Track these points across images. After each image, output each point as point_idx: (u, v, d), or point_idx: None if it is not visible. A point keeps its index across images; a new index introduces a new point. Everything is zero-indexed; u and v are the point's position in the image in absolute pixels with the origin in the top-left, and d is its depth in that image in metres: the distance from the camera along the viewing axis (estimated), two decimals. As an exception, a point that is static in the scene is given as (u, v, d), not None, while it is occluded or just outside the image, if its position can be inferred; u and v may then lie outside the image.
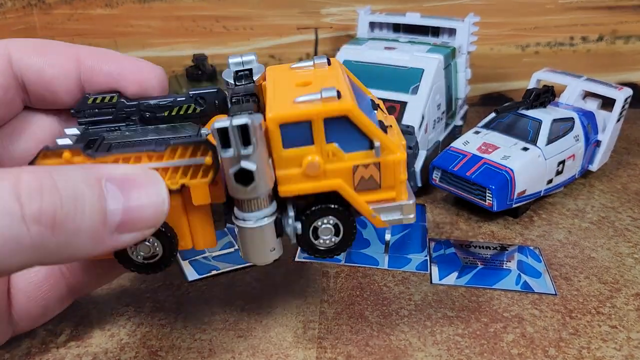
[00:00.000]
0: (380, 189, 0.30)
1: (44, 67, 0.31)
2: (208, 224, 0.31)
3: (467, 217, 0.50)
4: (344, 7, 0.73)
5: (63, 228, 0.23)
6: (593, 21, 0.73)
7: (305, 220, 0.30)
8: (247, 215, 0.29)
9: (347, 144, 0.28)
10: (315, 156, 0.28)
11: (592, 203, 0.52)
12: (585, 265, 0.43)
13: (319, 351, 0.35)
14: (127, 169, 0.27)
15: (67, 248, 0.24)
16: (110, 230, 0.25)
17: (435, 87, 0.53)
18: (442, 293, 0.40)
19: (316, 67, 0.31)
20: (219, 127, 0.26)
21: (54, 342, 0.36)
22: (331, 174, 0.29)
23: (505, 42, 0.75)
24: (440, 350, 0.35)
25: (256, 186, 0.27)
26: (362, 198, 0.30)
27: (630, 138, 0.65)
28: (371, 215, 0.30)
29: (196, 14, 0.74)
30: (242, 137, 0.26)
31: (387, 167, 0.29)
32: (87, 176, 0.25)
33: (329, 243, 0.31)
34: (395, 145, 0.29)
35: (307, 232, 0.31)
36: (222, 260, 0.44)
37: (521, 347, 0.35)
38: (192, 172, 0.29)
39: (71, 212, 0.23)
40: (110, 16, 0.73)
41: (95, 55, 0.32)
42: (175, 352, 0.35)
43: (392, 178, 0.29)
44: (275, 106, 0.28)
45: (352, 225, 0.31)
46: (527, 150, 0.49)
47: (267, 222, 0.29)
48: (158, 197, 0.27)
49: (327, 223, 0.30)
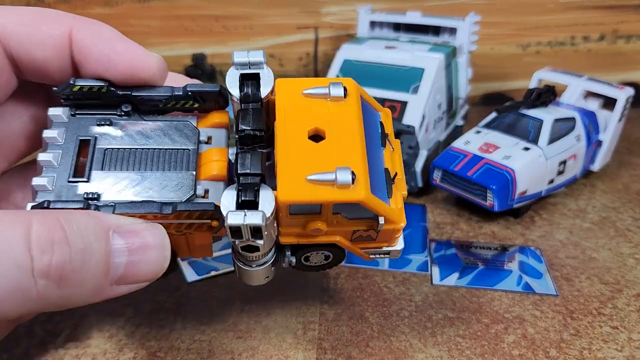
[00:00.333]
0: (375, 242, 0.31)
1: (34, 47, 0.29)
2: (207, 243, 0.31)
3: (468, 217, 0.50)
4: (344, 6, 0.73)
5: (69, 281, 0.23)
6: (594, 21, 0.73)
7: (298, 254, 0.31)
8: (248, 262, 0.30)
9: (352, 214, 0.28)
10: (320, 222, 0.28)
11: (593, 203, 0.52)
12: (586, 266, 0.43)
13: (319, 352, 0.35)
14: (135, 222, 0.26)
15: (69, 299, 0.24)
16: (111, 282, 0.25)
17: (436, 86, 0.53)
18: (442, 294, 0.40)
19: (332, 100, 0.29)
20: (232, 225, 0.25)
21: (53, 343, 0.36)
22: (332, 233, 0.29)
23: (506, 41, 0.74)
24: (440, 351, 0.35)
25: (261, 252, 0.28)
26: (357, 246, 0.31)
27: (632, 138, 0.65)
28: (360, 254, 0.31)
29: (196, 14, 0.74)
30: (253, 231, 0.26)
31: (386, 232, 0.29)
32: (97, 228, 0.25)
33: (318, 264, 0.32)
34: (398, 216, 0.29)
35: (300, 261, 0.32)
36: (222, 261, 0.44)
37: (522, 348, 0.35)
38: (196, 227, 0.28)
39: (78, 266, 0.23)
40: (109, 15, 0.73)
41: (88, 32, 0.29)
42: (175, 353, 0.35)
43: (388, 237, 0.30)
44: (287, 184, 0.26)
45: (341, 255, 0.32)
46: (528, 150, 0.48)
47: (266, 266, 0.30)
48: (161, 254, 0.27)
49: (319, 254, 0.31)
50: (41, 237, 0.22)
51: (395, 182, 0.30)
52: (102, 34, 0.30)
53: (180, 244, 0.31)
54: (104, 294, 0.25)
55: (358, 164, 0.27)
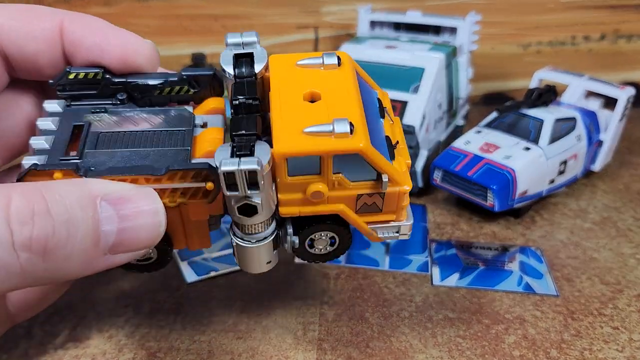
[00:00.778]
0: (381, 213, 0.29)
1: (25, 41, 0.29)
2: (204, 229, 0.30)
3: (469, 217, 0.50)
4: (344, 5, 0.73)
5: (54, 254, 0.22)
6: (595, 20, 0.73)
7: (302, 234, 0.30)
8: (246, 236, 0.29)
9: (354, 174, 0.27)
10: (320, 184, 0.27)
11: (594, 203, 0.52)
12: (587, 266, 0.43)
13: (319, 353, 0.35)
14: (124, 188, 0.25)
15: (57, 272, 0.23)
16: (103, 252, 0.24)
17: (437, 86, 0.53)
18: (443, 294, 0.40)
19: (325, 68, 0.30)
20: (226, 171, 0.25)
21: (52, 343, 0.36)
22: (334, 200, 0.28)
23: (506, 41, 0.74)
24: (441, 352, 0.35)
25: (259, 216, 0.27)
26: (362, 219, 0.29)
27: (633, 138, 0.65)
28: (368, 232, 0.30)
29: (195, 13, 0.74)
30: (249, 180, 0.25)
31: (391, 196, 0.28)
32: (82, 196, 0.24)
33: (323, 251, 0.31)
34: (402, 177, 0.28)
35: (303, 243, 0.30)
36: (221, 261, 0.44)
37: (523, 349, 0.35)
38: (191, 193, 0.28)
39: (63, 237, 0.23)
40: (108, 15, 0.73)
41: (80, 23, 0.29)
42: (174, 353, 0.35)
43: (395, 205, 0.29)
44: (283, 137, 0.26)
45: (348, 237, 0.31)
46: (528, 150, 0.48)
47: (266, 242, 0.29)
48: (155, 218, 0.26)
49: (324, 236, 0.30)
50: (20, 209, 0.22)
51: (398, 149, 0.29)
52: (93, 24, 0.30)
53: (175, 225, 0.29)
54: (97, 264, 0.24)
55: (356, 117, 0.27)
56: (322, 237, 0.30)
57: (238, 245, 0.29)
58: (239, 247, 0.29)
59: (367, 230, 0.30)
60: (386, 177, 0.27)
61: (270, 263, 0.30)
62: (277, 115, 0.27)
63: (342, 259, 0.44)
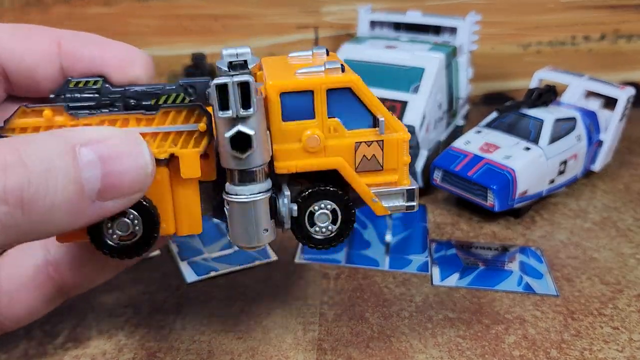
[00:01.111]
0: (382, 171, 0.29)
1: (24, 54, 0.29)
2: (195, 206, 0.29)
3: (469, 217, 0.50)
4: (344, 5, 0.73)
5: (34, 206, 0.22)
6: (595, 20, 0.73)
7: (301, 202, 0.29)
8: (240, 188, 0.27)
9: (350, 120, 0.27)
10: (316, 130, 0.27)
11: (594, 203, 0.52)
12: (587, 266, 0.43)
13: (319, 353, 0.35)
14: (103, 131, 0.25)
15: (43, 224, 0.23)
16: (90, 199, 0.24)
17: (437, 86, 0.53)
18: (443, 294, 0.40)
19: (315, 58, 0.30)
20: (218, 84, 0.25)
21: (52, 344, 0.36)
22: (331, 151, 0.28)
23: (506, 41, 0.74)
24: (441, 352, 0.35)
25: (253, 154, 0.26)
26: (363, 180, 0.28)
27: (633, 138, 0.65)
28: (372, 199, 0.29)
29: (195, 13, 0.74)
30: (242, 96, 0.25)
31: (390, 146, 0.28)
32: (59, 145, 0.23)
33: (325, 232, 0.29)
34: (399, 125, 0.28)
35: (303, 217, 0.29)
36: (221, 261, 0.44)
37: (523, 349, 0.35)
38: (182, 142, 0.27)
39: (42, 188, 0.22)
40: (108, 15, 0.73)
41: (77, 39, 0.30)
42: (174, 353, 0.35)
43: (395, 159, 0.28)
44: (276, 76, 0.27)
45: (350, 211, 0.29)
46: (529, 150, 0.48)
47: (262, 197, 0.27)
48: (140, 159, 0.25)
49: (324, 208, 0.29)
50: None
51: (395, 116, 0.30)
52: (90, 38, 0.30)
53: (163, 193, 0.28)
54: (87, 213, 0.24)
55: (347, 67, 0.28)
56: (322, 209, 0.29)
57: (231, 208, 0.28)
58: (232, 208, 0.28)
59: (369, 194, 0.29)
60: (382, 118, 0.27)
61: (268, 233, 0.28)
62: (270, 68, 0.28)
63: (342, 259, 0.44)
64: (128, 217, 0.27)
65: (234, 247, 0.46)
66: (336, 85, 0.27)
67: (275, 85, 0.26)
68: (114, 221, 0.27)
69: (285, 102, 0.27)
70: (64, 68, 0.30)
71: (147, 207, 0.27)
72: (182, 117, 0.27)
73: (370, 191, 0.29)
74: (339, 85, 0.27)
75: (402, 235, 0.47)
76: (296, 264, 0.43)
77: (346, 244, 0.46)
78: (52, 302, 0.34)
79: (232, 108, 0.25)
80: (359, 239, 0.47)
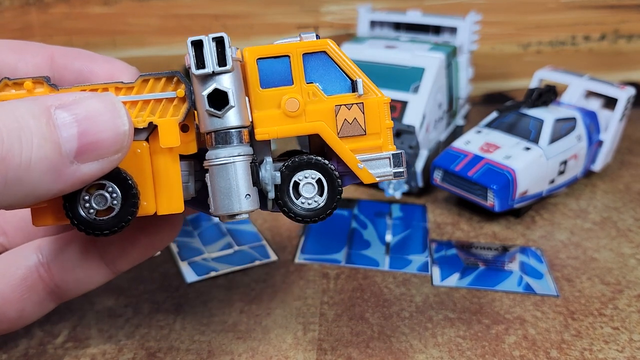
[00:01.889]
0: (366, 135, 0.28)
1: (17, 64, 0.30)
2: (176, 182, 0.28)
3: (469, 217, 0.50)
4: (344, 5, 0.73)
5: (10, 162, 0.22)
6: (595, 20, 0.73)
7: (285, 171, 0.28)
8: (219, 151, 0.27)
9: (328, 86, 0.28)
10: (295, 95, 0.27)
11: (594, 203, 0.52)
12: (587, 267, 0.43)
13: (319, 353, 0.35)
14: (79, 94, 0.25)
15: (22, 185, 0.23)
16: (69, 159, 0.24)
17: (437, 86, 0.53)
18: (443, 294, 0.40)
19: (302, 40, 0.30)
20: (193, 40, 0.25)
21: (52, 343, 0.36)
22: (312, 116, 0.28)
23: (507, 41, 0.74)
24: (441, 352, 0.35)
25: (230, 112, 0.26)
26: (347, 145, 0.28)
27: (633, 138, 0.65)
28: (357, 165, 0.28)
29: (195, 12, 0.74)
30: (217, 53, 0.25)
31: (371, 108, 0.28)
32: (33, 106, 0.23)
33: (312, 204, 0.29)
34: (377, 89, 0.28)
35: (287, 187, 0.28)
36: (221, 261, 0.44)
37: (523, 349, 0.35)
38: (161, 111, 0.27)
39: (16, 145, 0.22)
40: (108, 15, 0.73)
41: (68, 53, 0.31)
42: (174, 353, 0.35)
43: (378, 122, 0.28)
44: (252, 48, 0.28)
45: (336, 182, 0.28)
46: (529, 150, 0.48)
47: (242, 160, 0.27)
48: (117, 118, 0.25)
49: (309, 178, 0.28)
50: None
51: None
52: (80, 53, 0.32)
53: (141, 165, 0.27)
54: (67, 175, 0.24)
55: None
56: (307, 179, 0.28)
57: (211, 171, 0.27)
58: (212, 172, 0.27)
59: (354, 160, 0.28)
60: (359, 79, 0.28)
61: (250, 199, 0.27)
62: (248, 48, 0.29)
63: (342, 259, 0.44)
64: (107, 189, 0.27)
65: (234, 247, 0.45)
66: (311, 49, 0.27)
67: (252, 50, 0.27)
68: (92, 194, 0.27)
69: (262, 67, 0.27)
70: (55, 79, 0.31)
71: (126, 180, 0.27)
72: (161, 85, 0.27)
73: (355, 156, 0.28)
74: (314, 49, 0.27)
75: (402, 235, 0.47)
76: (296, 264, 0.43)
77: (346, 244, 0.46)
78: (44, 306, 0.33)
79: (208, 65, 0.25)
80: (359, 239, 0.47)
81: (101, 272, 0.33)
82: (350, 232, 0.48)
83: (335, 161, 0.29)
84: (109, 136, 0.25)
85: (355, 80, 0.28)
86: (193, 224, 0.49)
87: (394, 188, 0.51)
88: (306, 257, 0.44)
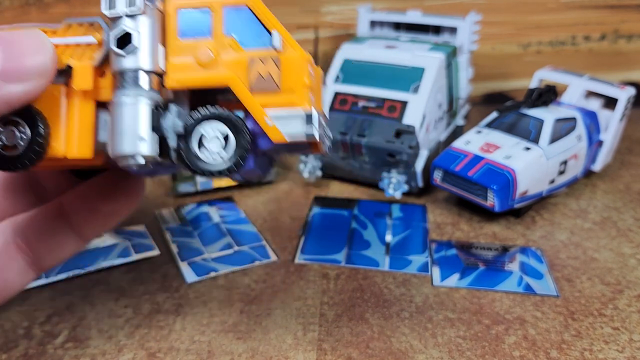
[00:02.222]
0: (280, 92, 0.27)
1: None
2: (87, 127, 0.28)
3: (469, 217, 0.50)
4: (344, 5, 0.73)
5: None
6: (595, 20, 0.73)
7: (189, 121, 0.27)
8: (123, 91, 0.26)
9: (247, 40, 0.27)
10: (212, 46, 0.27)
11: (594, 203, 0.52)
12: (587, 267, 0.43)
13: (319, 353, 0.35)
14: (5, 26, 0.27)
15: None
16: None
17: (437, 86, 0.53)
18: (443, 295, 0.40)
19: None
20: None
21: (52, 344, 0.36)
22: (225, 67, 0.27)
23: (507, 41, 0.74)
24: (441, 352, 0.35)
25: (138, 56, 0.26)
26: (257, 99, 0.27)
27: (633, 138, 0.65)
28: (265, 120, 0.27)
29: (196, 13, 0.73)
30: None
31: (288, 65, 0.27)
32: None
33: (216, 157, 0.27)
34: (297, 46, 0.27)
35: (190, 137, 0.27)
36: (221, 261, 0.44)
37: (523, 349, 0.35)
38: (80, 55, 0.28)
39: None
40: (109, 14, 0.73)
41: None
42: (174, 354, 0.35)
43: (294, 80, 0.27)
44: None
45: (243, 135, 0.27)
46: (529, 150, 0.48)
47: (143, 102, 0.26)
48: (39, 42, 0.26)
49: (216, 130, 0.27)
50: None
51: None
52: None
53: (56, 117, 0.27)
54: None
55: None
56: (214, 132, 0.27)
57: (111, 108, 0.26)
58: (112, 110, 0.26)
59: (261, 113, 0.27)
60: (277, 32, 0.27)
61: (144, 144, 0.26)
62: None
63: (342, 259, 0.44)
64: (15, 125, 0.27)
65: (234, 247, 0.45)
66: (233, 2, 0.27)
67: (173, 3, 0.27)
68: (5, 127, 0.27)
69: (182, 18, 0.27)
70: None
71: (36, 119, 0.27)
72: (83, 31, 0.28)
73: (263, 110, 0.27)
74: (236, 2, 0.27)
75: (402, 236, 0.47)
76: (296, 264, 0.43)
77: (346, 244, 0.46)
78: (26, 275, 0.34)
79: (119, 5, 0.26)
80: (359, 239, 0.47)
81: (71, 241, 0.34)
82: (350, 233, 0.48)
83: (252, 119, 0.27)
84: (33, 58, 0.26)
85: (271, 33, 0.27)
86: (193, 224, 0.49)
87: (394, 188, 0.51)
88: (306, 257, 0.44)
